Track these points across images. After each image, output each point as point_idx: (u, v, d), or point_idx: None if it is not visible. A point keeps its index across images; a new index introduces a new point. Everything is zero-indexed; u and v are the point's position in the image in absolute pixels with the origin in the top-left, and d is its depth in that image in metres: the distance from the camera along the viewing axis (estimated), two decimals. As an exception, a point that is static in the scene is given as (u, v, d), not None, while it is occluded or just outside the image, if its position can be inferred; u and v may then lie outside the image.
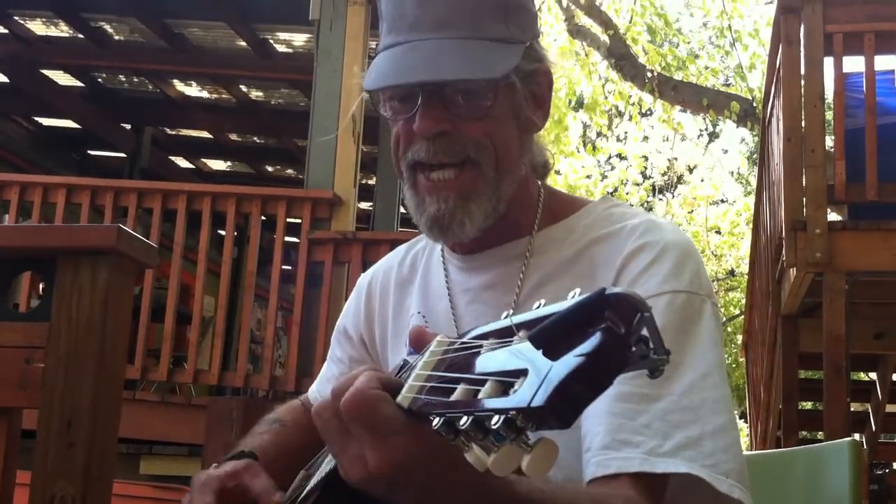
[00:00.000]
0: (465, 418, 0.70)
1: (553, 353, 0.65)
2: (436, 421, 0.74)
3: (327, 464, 1.27)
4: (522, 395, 0.65)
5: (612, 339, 0.63)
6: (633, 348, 0.65)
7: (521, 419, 0.66)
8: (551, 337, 0.66)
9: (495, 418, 0.67)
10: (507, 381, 0.69)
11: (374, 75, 1.25)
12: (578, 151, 13.62)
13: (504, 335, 0.74)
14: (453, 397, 0.74)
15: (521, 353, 0.69)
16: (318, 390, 1.61)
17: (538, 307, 0.73)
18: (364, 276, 1.58)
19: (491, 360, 0.73)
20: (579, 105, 12.48)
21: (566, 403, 0.64)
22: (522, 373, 0.67)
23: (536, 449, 0.69)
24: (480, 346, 0.76)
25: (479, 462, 0.72)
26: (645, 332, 0.65)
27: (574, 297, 0.68)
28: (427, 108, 1.22)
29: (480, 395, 0.70)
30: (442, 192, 1.24)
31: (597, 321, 0.64)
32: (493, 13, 1.24)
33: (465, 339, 0.80)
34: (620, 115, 13.47)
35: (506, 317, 0.76)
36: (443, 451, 0.84)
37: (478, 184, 1.24)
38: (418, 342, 0.87)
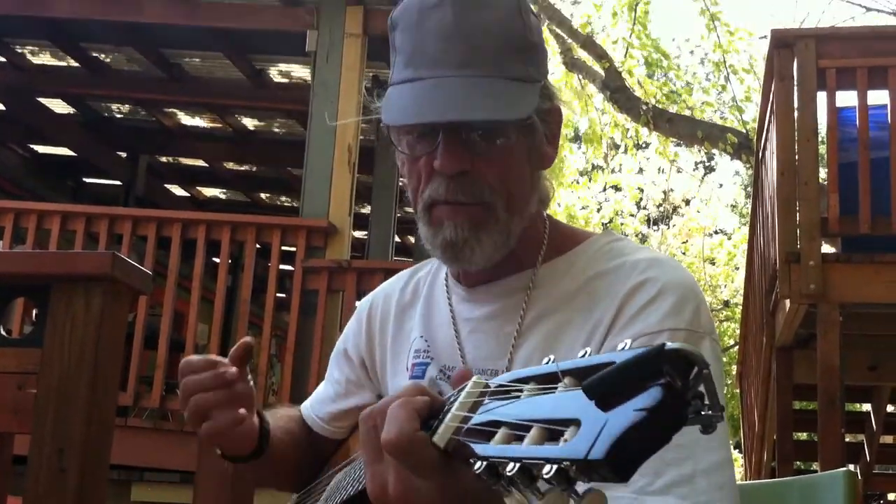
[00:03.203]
0: (512, 465, 0.69)
1: (606, 405, 0.64)
2: (478, 465, 0.73)
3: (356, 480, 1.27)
4: (578, 445, 0.64)
5: (671, 394, 0.62)
6: (690, 404, 0.64)
7: (575, 470, 0.64)
8: (606, 388, 0.64)
9: (547, 467, 0.66)
10: (555, 429, 0.67)
11: (395, 110, 1.23)
12: (577, 182, 13.66)
13: (547, 381, 0.72)
14: (494, 441, 0.72)
15: (571, 401, 0.67)
16: (312, 407, 1.62)
17: (584, 355, 0.71)
18: (365, 301, 1.59)
19: (535, 407, 0.71)
20: (576, 137, 12.53)
21: (624, 457, 0.63)
22: (573, 422, 0.66)
23: (587, 499, 0.68)
24: (521, 391, 0.74)
25: None
26: (701, 388, 0.64)
27: (625, 348, 0.67)
28: (448, 146, 1.21)
29: (526, 442, 0.68)
30: (458, 217, 1.24)
31: (654, 375, 0.63)
32: (514, 51, 1.23)
33: (503, 382, 0.78)
34: (616, 147, 13.52)
35: (548, 362, 0.74)
36: (477, 496, 0.83)
37: (489, 221, 1.25)
38: (462, 383, 0.85)
